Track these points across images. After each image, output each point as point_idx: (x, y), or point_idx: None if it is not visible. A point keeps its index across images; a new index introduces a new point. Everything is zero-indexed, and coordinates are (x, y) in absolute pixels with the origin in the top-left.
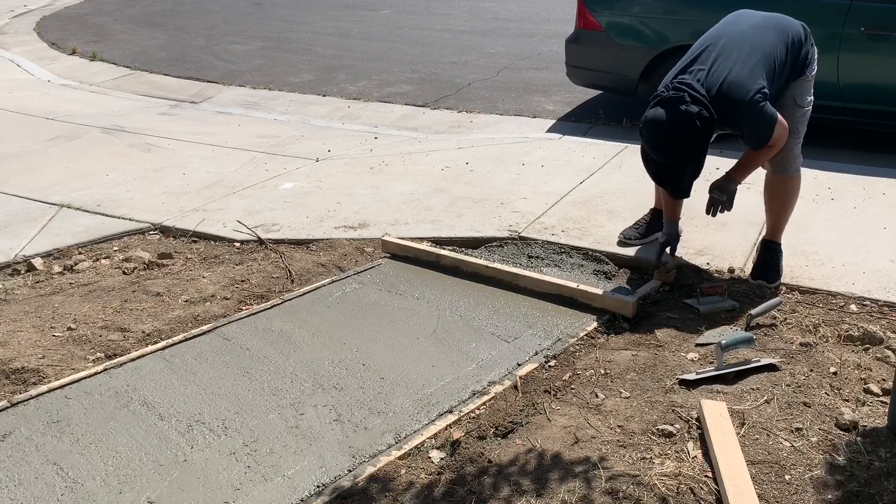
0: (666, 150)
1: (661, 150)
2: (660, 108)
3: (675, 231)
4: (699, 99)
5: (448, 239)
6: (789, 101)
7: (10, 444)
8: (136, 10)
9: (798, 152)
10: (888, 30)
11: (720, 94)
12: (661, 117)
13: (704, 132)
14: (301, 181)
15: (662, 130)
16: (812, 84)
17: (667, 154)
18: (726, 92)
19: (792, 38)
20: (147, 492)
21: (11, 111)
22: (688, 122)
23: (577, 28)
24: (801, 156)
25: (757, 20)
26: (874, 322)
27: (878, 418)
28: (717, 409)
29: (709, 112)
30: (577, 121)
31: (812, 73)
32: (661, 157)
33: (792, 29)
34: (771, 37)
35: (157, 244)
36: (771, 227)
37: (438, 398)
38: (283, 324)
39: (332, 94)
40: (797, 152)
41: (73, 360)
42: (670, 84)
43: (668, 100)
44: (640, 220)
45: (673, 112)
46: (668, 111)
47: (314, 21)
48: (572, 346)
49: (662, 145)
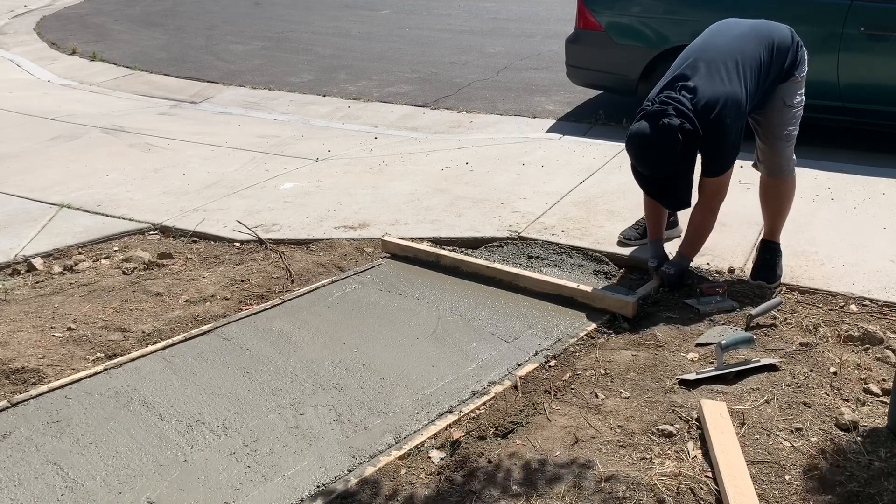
0: (651, 164)
1: (647, 164)
2: (643, 121)
3: (663, 252)
4: (684, 112)
5: (448, 239)
6: (778, 103)
7: (10, 444)
8: (136, 10)
9: (791, 154)
10: (888, 30)
11: (703, 108)
12: (645, 131)
13: (689, 144)
14: (301, 181)
15: (646, 144)
16: (803, 84)
17: (653, 167)
18: (707, 107)
19: (777, 46)
20: (147, 492)
21: (11, 111)
22: (670, 134)
23: (577, 28)
24: (794, 157)
25: (742, 30)
26: (874, 322)
27: (878, 418)
28: (717, 409)
29: (692, 125)
30: (577, 121)
31: (801, 74)
32: (648, 170)
33: (778, 35)
34: (754, 47)
35: (157, 244)
36: (769, 228)
37: (438, 398)
38: (283, 324)
39: (332, 94)
40: (790, 154)
41: (73, 360)
42: (656, 99)
43: (651, 114)
44: (639, 221)
45: (655, 126)
46: (651, 125)
47: (314, 21)
48: (572, 346)
49: (647, 159)
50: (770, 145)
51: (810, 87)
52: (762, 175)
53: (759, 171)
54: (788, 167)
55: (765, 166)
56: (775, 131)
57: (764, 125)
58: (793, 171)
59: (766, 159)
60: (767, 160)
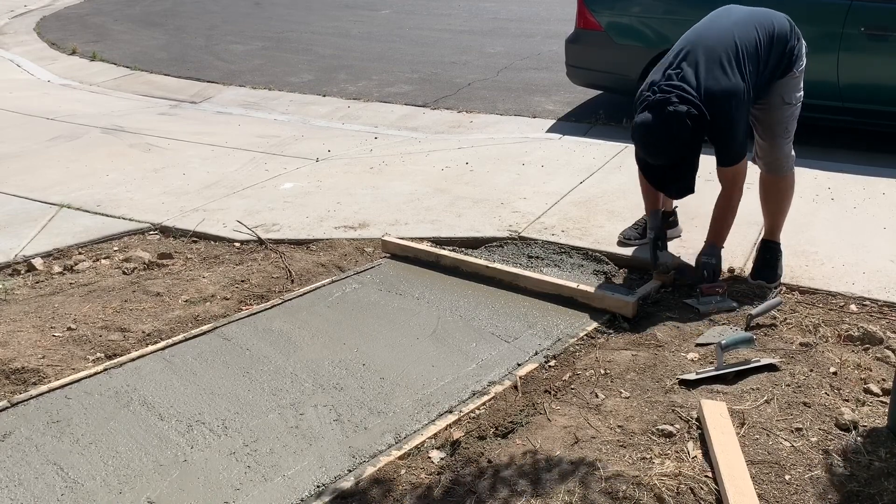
0: (659, 152)
1: (655, 152)
2: (647, 112)
3: (661, 223)
4: (688, 98)
5: (448, 239)
6: (777, 99)
7: (10, 444)
8: (136, 10)
9: (790, 151)
10: (888, 30)
11: (707, 96)
12: (650, 121)
13: (696, 129)
14: (301, 181)
15: (653, 133)
16: (801, 80)
17: (661, 155)
18: (710, 95)
19: (777, 34)
20: (147, 492)
21: (11, 111)
22: (677, 121)
23: (577, 28)
24: (793, 155)
25: (742, 15)
26: (874, 322)
27: (878, 418)
28: (717, 409)
29: (698, 110)
30: (577, 121)
31: (800, 68)
32: (656, 159)
33: (777, 23)
34: (752, 32)
35: (157, 244)
36: (769, 227)
37: (438, 398)
38: (283, 324)
39: (332, 94)
40: (788, 151)
41: (73, 360)
42: (656, 87)
43: (655, 103)
44: (639, 220)
45: (661, 114)
46: (656, 114)
47: (314, 21)
48: (572, 346)
49: (656, 147)
50: (769, 142)
51: (810, 87)
52: (761, 173)
53: (759, 168)
54: (787, 164)
55: (763, 163)
56: (774, 129)
57: (763, 122)
58: (792, 169)
59: (765, 156)
60: (766, 157)
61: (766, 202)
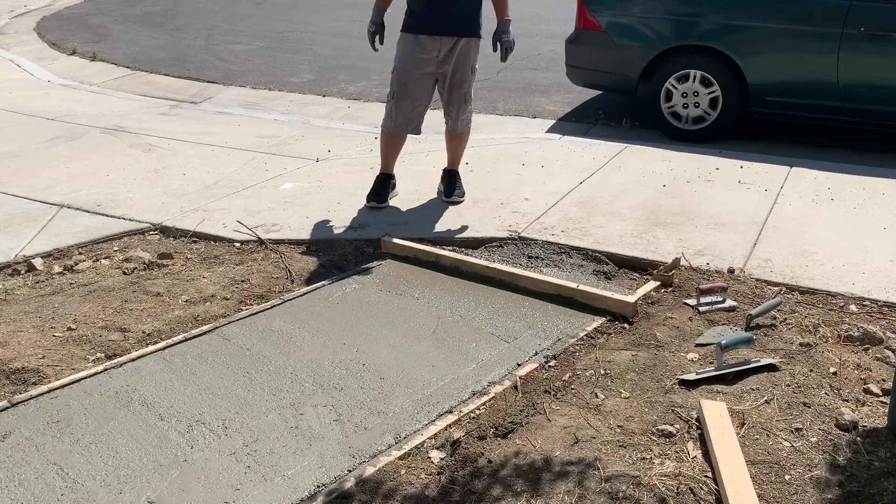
0: None
1: None
2: None
3: (381, 18)
4: None
5: (448, 239)
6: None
7: (10, 444)
8: (136, 10)
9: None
10: (888, 30)
11: None
12: None
13: None
14: (301, 181)
15: None
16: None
17: None
18: None
19: None
20: (147, 492)
21: (11, 111)
22: None
23: (577, 28)
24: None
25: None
26: (874, 322)
27: (878, 418)
28: (717, 409)
29: None
30: (577, 121)
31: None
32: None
33: None
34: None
35: (157, 244)
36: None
37: (438, 398)
38: (283, 324)
39: (332, 94)
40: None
41: (73, 360)
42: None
43: None
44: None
45: None
46: None
47: (314, 21)
48: (572, 346)
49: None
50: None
51: (810, 87)
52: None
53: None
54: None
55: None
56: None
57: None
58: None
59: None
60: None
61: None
